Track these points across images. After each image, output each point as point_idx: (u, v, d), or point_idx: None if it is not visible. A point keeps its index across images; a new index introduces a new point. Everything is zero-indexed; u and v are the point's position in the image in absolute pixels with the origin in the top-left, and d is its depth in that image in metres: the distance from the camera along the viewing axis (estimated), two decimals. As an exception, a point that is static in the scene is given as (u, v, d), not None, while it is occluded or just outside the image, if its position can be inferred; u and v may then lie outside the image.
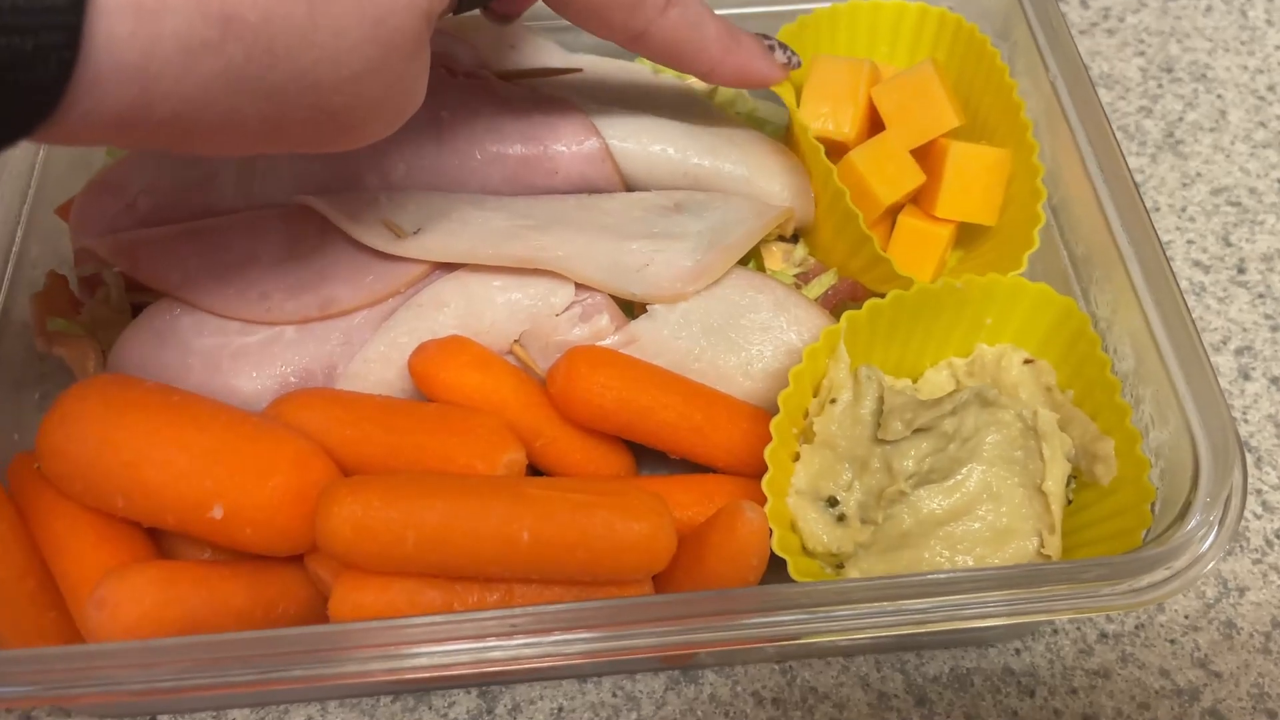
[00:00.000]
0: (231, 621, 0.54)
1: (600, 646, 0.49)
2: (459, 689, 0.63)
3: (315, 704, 0.62)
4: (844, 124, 0.72)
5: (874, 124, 0.74)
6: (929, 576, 0.51)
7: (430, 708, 0.62)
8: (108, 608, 0.51)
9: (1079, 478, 0.62)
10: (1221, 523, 0.52)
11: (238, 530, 0.54)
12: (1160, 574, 0.51)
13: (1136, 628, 0.64)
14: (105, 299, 0.69)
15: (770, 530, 0.56)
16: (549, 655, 0.49)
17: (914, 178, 0.70)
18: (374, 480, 0.53)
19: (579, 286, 0.64)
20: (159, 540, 0.60)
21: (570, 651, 0.49)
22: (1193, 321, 0.57)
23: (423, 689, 0.62)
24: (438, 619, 0.48)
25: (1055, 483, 0.61)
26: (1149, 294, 0.59)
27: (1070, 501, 0.62)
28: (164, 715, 0.62)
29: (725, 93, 0.80)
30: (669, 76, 0.79)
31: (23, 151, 0.71)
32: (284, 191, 0.69)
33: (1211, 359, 0.73)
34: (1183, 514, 0.52)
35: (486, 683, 0.63)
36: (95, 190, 0.69)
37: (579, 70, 0.77)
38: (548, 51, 0.78)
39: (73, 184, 0.74)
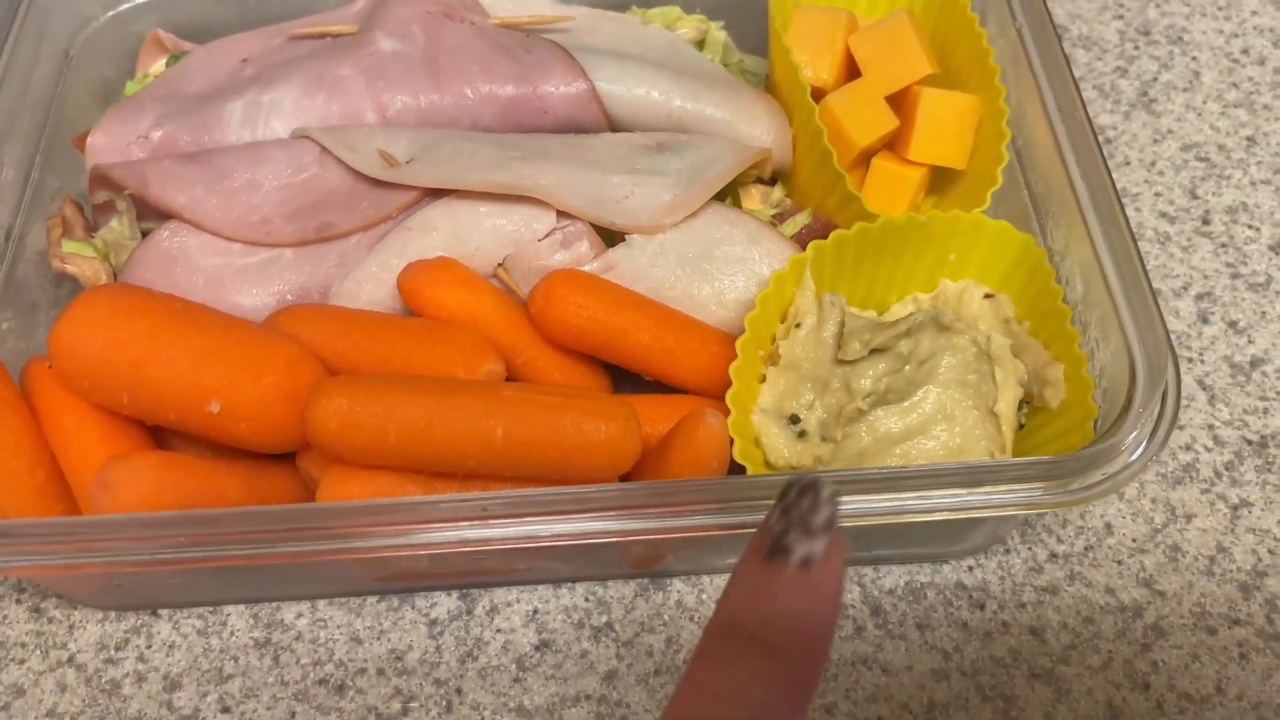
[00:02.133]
0: (226, 511, 0.58)
1: (566, 529, 0.53)
2: (440, 590, 0.66)
3: (306, 602, 0.66)
4: (822, 71, 0.76)
5: (851, 72, 0.77)
6: (877, 470, 0.55)
7: (414, 607, 0.66)
8: (110, 489, 0.55)
9: (1031, 403, 0.66)
10: (1159, 417, 0.55)
11: (233, 425, 0.57)
12: (1095, 476, 0.54)
13: (1085, 549, 0.68)
14: (118, 225, 0.73)
15: (731, 439, 0.60)
16: (518, 538, 0.53)
17: (888, 122, 0.74)
18: (360, 379, 0.57)
19: (561, 214, 0.68)
20: (163, 443, 0.64)
21: (539, 534, 0.53)
22: (1136, 246, 0.60)
23: (407, 590, 0.66)
24: (417, 500, 0.52)
25: (1007, 405, 0.64)
26: (1098, 226, 0.62)
27: (1023, 426, 0.66)
28: (164, 609, 0.66)
29: (713, 46, 0.84)
30: (657, 27, 0.83)
31: (42, 81, 0.75)
32: (287, 126, 0.73)
33: (1173, 303, 0.77)
34: (1124, 410, 0.55)
35: (467, 585, 0.66)
36: (111, 121, 0.73)
37: (571, 19, 0.81)
38: (542, 1, 0.82)
39: (90, 117, 0.78)
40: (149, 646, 0.65)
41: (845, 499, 0.54)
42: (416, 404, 0.55)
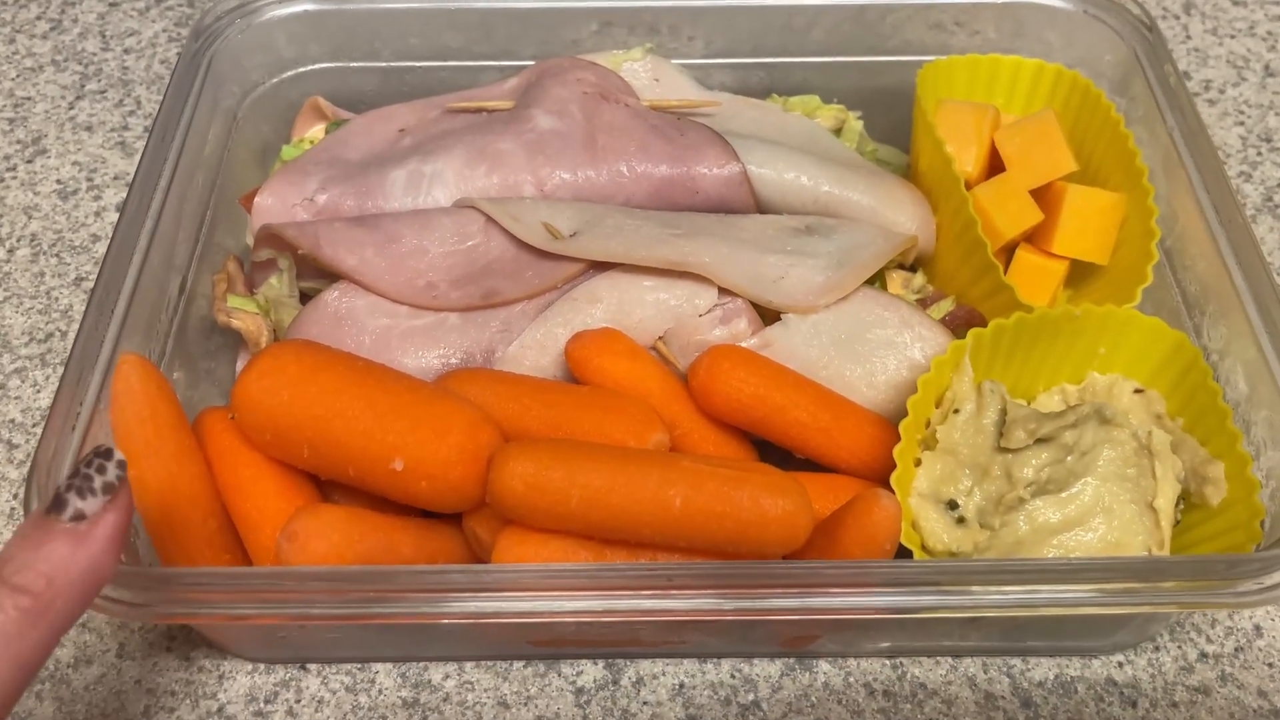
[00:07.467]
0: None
1: (747, 605, 0.53)
2: (586, 659, 0.66)
3: (453, 664, 0.66)
4: (967, 163, 0.78)
5: (994, 165, 0.79)
6: (1053, 561, 0.55)
7: (560, 674, 0.66)
8: (298, 540, 0.56)
9: (1187, 500, 0.66)
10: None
11: (414, 483, 0.58)
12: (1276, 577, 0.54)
13: (1236, 650, 0.67)
14: (277, 282, 0.75)
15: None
16: (701, 611, 0.53)
17: (1033, 215, 0.75)
18: (545, 443, 0.58)
19: (721, 291, 0.69)
20: (326, 497, 0.65)
21: (721, 609, 0.53)
22: (1306, 352, 0.61)
23: (554, 656, 0.66)
24: (605, 566, 0.53)
25: (1166, 501, 0.64)
26: (1263, 327, 0.63)
27: (1178, 522, 0.66)
28: (312, 664, 0.66)
29: (850, 134, 0.86)
30: (797, 115, 0.85)
31: (214, 142, 0.78)
32: (449, 195, 0.76)
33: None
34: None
35: (612, 655, 0.66)
36: (278, 183, 0.76)
37: (718, 104, 0.83)
38: (687, 86, 0.85)
39: (249, 175, 0.81)
40: (298, 700, 0.65)
41: (1023, 588, 0.54)
42: (599, 470, 0.56)
